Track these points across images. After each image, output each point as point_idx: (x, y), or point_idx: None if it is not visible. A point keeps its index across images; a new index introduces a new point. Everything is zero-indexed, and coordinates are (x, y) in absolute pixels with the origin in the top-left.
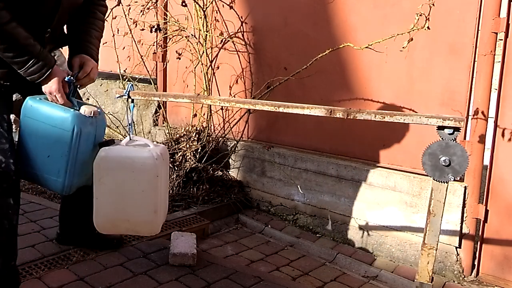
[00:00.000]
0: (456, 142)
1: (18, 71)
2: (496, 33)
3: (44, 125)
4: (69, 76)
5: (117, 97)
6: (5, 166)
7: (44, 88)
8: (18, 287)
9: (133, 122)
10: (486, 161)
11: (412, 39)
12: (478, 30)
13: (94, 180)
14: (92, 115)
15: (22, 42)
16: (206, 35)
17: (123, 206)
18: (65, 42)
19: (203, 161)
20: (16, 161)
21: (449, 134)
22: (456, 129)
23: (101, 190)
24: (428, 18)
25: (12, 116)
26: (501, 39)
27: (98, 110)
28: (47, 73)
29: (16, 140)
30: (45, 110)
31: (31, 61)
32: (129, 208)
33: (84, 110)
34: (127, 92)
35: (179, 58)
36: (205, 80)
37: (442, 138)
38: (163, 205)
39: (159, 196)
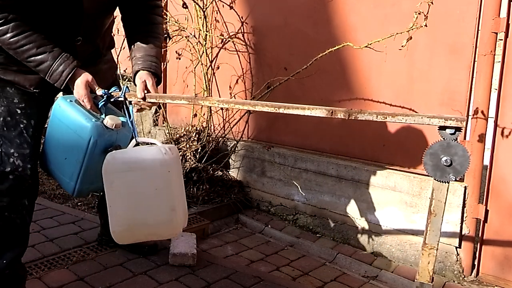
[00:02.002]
0: (457, 142)
1: (46, 79)
2: (496, 33)
3: (66, 128)
4: (112, 90)
5: (113, 100)
6: (22, 171)
7: (74, 93)
8: (24, 281)
9: (135, 124)
10: (486, 161)
11: (411, 38)
12: (478, 30)
13: (105, 187)
14: (113, 127)
15: (40, 50)
16: (206, 35)
17: (138, 209)
18: (110, 46)
19: (203, 161)
20: (35, 165)
21: (451, 134)
22: (458, 129)
23: (113, 196)
24: (427, 16)
25: None
26: (501, 39)
27: (123, 122)
28: (68, 77)
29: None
30: (70, 114)
31: (51, 68)
32: (145, 210)
33: (107, 121)
34: (123, 94)
35: (179, 58)
36: (205, 80)
37: (443, 138)
38: (182, 205)
39: (175, 192)
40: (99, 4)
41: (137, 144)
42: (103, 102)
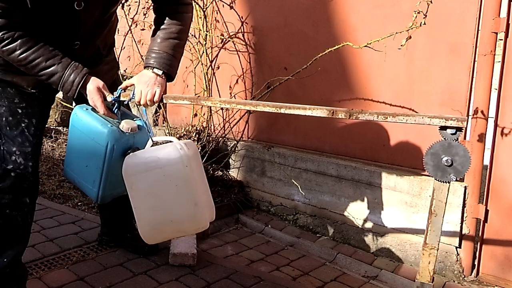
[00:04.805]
0: (458, 142)
1: (59, 90)
2: (496, 33)
3: (84, 136)
4: (117, 93)
5: (127, 102)
6: (23, 168)
7: (89, 101)
8: (25, 281)
9: (149, 124)
10: (486, 161)
11: (410, 37)
12: (478, 30)
13: (127, 190)
14: (129, 131)
15: (49, 63)
16: (206, 35)
17: (162, 208)
18: (113, 45)
19: (203, 161)
20: (37, 164)
21: (452, 134)
22: (459, 129)
23: (136, 198)
24: (426, 15)
25: None
26: (501, 39)
27: (139, 125)
28: (79, 86)
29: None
30: (87, 121)
31: (62, 79)
32: (168, 207)
33: (122, 125)
34: (133, 95)
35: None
36: (205, 80)
37: (444, 138)
38: (205, 198)
39: (195, 187)
40: (97, 12)
41: (154, 144)
42: (116, 108)
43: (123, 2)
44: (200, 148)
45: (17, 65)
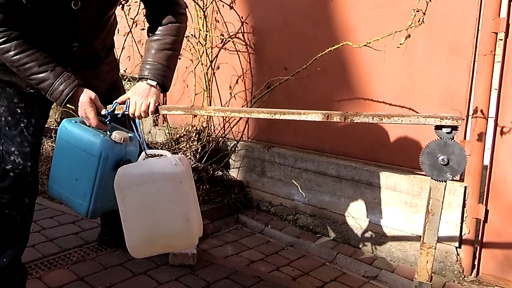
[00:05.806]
0: (454, 141)
1: (47, 97)
2: (496, 33)
3: (75, 149)
4: (112, 106)
5: (120, 114)
6: (22, 168)
7: (79, 112)
8: (25, 281)
9: (143, 136)
10: (486, 161)
11: (409, 36)
12: (478, 30)
13: (118, 202)
14: (122, 141)
15: (42, 69)
16: (206, 35)
17: (153, 222)
18: (112, 47)
19: (203, 161)
20: (36, 164)
21: (447, 133)
22: (454, 128)
23: (127, 211)
24: (425, 13)
25: None
26: (501, 39)
27: (130, 136)
28: (68, 96)
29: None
30: (77, 134)
31: (52, 87)
32: (159, 222)
33: (114, 135)
34: (127, 108)
35: (179, 58)
36: (205, 80)
37: (440, 137)
38: (196, 215)
39: (188, 203)
40: (94, 12)
41: (148, 157)
42: (109, 121)
43: (123, 3)
44: (200, 148)
45: (9, 65)
